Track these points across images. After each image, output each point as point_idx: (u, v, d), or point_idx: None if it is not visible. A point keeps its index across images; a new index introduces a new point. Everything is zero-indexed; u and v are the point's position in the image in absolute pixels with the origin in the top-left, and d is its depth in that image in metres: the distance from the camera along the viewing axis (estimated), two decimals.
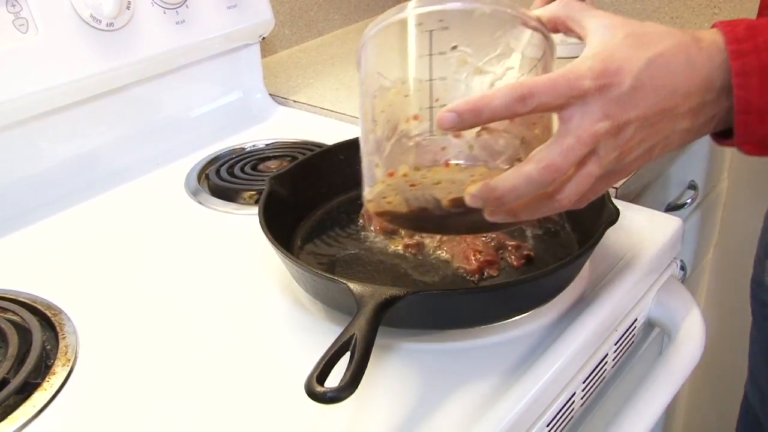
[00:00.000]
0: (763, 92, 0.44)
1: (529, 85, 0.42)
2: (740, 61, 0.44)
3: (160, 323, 0.63)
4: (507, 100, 0.42)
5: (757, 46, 0.44)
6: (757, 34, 0.44)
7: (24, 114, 0.80)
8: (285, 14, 1.27)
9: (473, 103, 0.42)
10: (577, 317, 0.60)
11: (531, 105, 0.42)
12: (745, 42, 0.44)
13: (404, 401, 0.53)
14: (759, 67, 0.44)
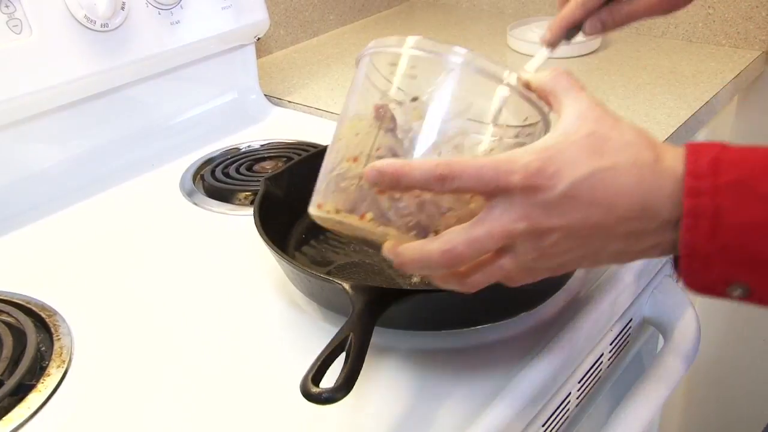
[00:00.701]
0: (711, 239, 0.40)
1: (452, 166, 0.42)
2: (694, 201, 0.40)
3: (155, 324, 0.63)
4: (426, 175, 0.42)
5: (716, 188, 0.40)
6: (720, 172, 0.40)
7: (18, 115, 0.80)
8: (280, 15, 1.27)
9: (396, 168, 0.42)
10: (573, 317, 0.60)
11: (449, 187, 0.42)
12: (704, 179, 0.40)
13: (400, 402, 0.53)
14: (712, 212, 0.40)
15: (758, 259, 0.40)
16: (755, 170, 0.40)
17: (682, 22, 1.22)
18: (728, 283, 0.41)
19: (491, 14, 1.45)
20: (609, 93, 1.03)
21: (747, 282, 0.41)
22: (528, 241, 0.42)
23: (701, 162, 0.41)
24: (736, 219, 0.39)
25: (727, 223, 0.39)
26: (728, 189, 0.39)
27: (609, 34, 1.27)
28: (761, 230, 0.39)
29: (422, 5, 1.53)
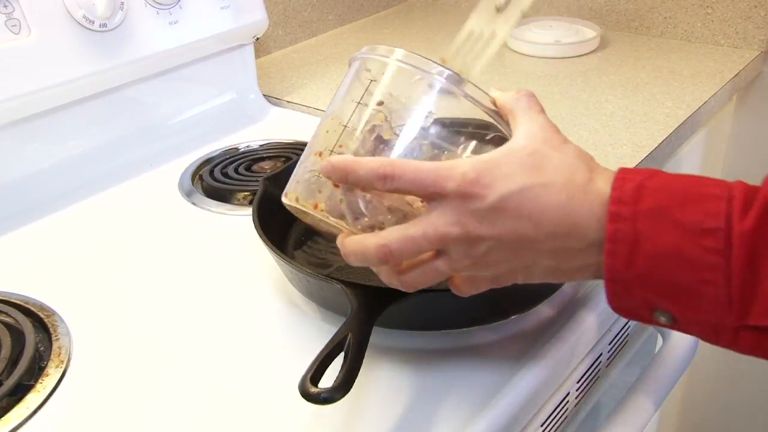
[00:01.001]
0: (629, 264, 0.41)
1: (395, 167, 0.44)
2: (615, 225, 0.41)
3: (154, 324, 0.63)
4: (370, 174, 0.45)
5: (636, 214, 0.40)
6: (642, 198, 0.41)
7: (16, 115, 0.80)
8: (279, 15, 1.27)
9: (345, 164, 0.45)
10: (571, 317, 0.60)
11: (390, 186, 0.44)
12: (627, 205, 0.41)
13: (398, 402, 0.53)
14: (631, 238, 0.40)
15: (674, 287, 0.40)
16: (675, 197, 0.40)
17: (680, 22, 1.23)
18: (652, 310, 0.42)
19: None
20: (607, 93, 1.03)
21: (669, 309, 0.41)
22: (461, 247, 0.44)
23: (626, 188, 0.41)
24: (652, 246, 0.40)
25: (644, 250, 0.40)
26: (647, 216, 0.40)
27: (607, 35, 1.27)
28: (676, 259, 0.39)
29: (421, 5, 1.53)
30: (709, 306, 0.40)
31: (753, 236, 0.38)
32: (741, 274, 0.38)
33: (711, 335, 0.42)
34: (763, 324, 0.38)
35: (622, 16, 1.29)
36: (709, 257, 0.39)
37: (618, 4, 1.29)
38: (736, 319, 0.39)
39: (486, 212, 0.43)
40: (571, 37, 1.23)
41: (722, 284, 0.39)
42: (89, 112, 0.88)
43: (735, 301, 0.39)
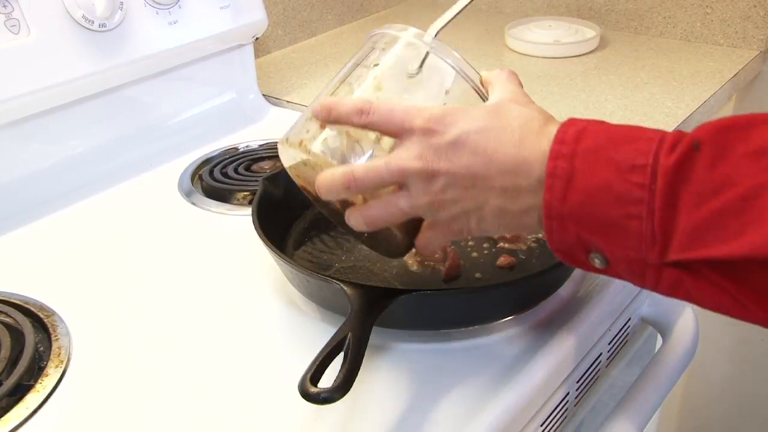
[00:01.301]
0: (564, 199, 0.43)
1: (371, 104, 0.49)
2: (553, 163, 0.43)
3: (154, 324, 0.63)
4: (349, 109, 0.49)
5: (574, 152, 0.43)
6: (582, 139, 0.43)
7: (16, 115, 0.80)
8: (278, 15, 1.27)
9: (330, 102, 0.50)
10: (571, 317, 0.60)
11: (365, 120, 0.49)
12: (567, 145, 0.43)
13: (398, 402, 0.53)
14: (567, 173, 0.42)
15: (603, 221, 0.42)
16: (613, 138, 0.43)
17: (680, 22, 1.23)
18: (587, 250, 0.44)
19: (489, 14, 1.45)
20: (607, 93, 1.03)
21: (600, 248, 0.43)
22: (419, 182, 0.47)
23: (570, 130, 0.44)
24: (584, 182, 0.42)
25: (578, 185, 0.42)
26: (584, 154, 0.43)
27: (607, 34, 1.27)
28: (606, 193, 0.41)
29: (420, 5, 1.53)
30: (635, 242, 0.41)
31: (675, 170, 0.40)
32: (662, 209, 0.40)
33: (638, 276, 0.43)
34: (681, 258, 0.40)
35: (621, 16, 1.29)
36: (636, 192, 0.40)
37: (617, 4, 1.29)
38: (658, 255, 0.40)
39: (445, 147, 0.46)
40: (570, 36, 1.23)
41: (646, 218, 0.40)
42: (89, 112, 0.88)
43: (657, 236, 0.40)
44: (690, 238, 0.39)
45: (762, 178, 0.37)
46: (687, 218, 0.39)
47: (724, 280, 0.39)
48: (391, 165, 0.47)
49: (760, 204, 0.37)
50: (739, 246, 0.37)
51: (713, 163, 0.39)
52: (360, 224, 0.51)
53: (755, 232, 0.37)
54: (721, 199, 0.38)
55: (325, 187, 0.49)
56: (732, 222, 0.38)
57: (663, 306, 0.71)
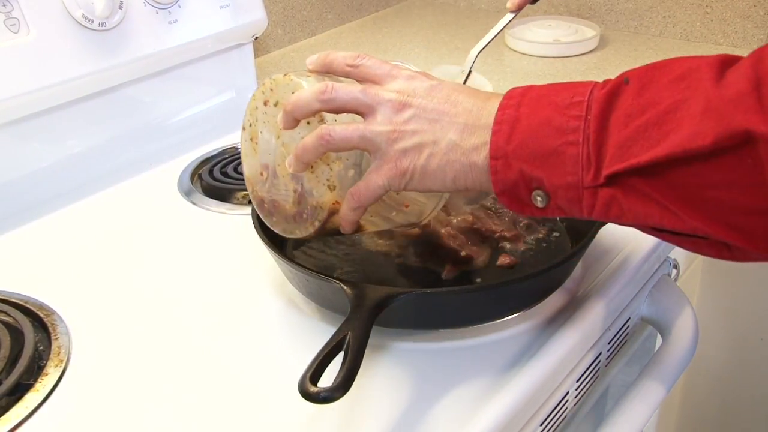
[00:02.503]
0: (509, 139, 0.47)
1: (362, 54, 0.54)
2: (501, 112, 0.48)
3: (153, 324, 0.63)
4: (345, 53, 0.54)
5: (520, 102, 0.47)
6: (528, 93, 0.48)
7: (15, 114, 0.80)
8: (278, 14, 1.27)
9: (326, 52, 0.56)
10: (571, 316, 0.60)
11: (358, 62, 0.53)
12: (514, 98, 0.48)
13: (397, 401, 0.53)
14: (512, 118, 0.47)
15: (543, 152, 0.45)
16: (555, 88, 0.47)
17: (680, 21, 1.23)
18: (530, 188, 0.47)
19: (489, 13, 1.45)
20: None
21: (541, 181, 0.46)
22: (389, 110, 0.50)
23: (518, 89, 0.49)
24: (528, 122, 0.46)
25: (522, 125, 0.46)
26: (529, 101, 0.47)
27: (607, 34, 1.27)
28: (546, 127, 0.45)
29: (420, 4, 1.53)
30: (572, 166, 0.45)
31: (607, 99, 0.44)
32: (595, 132, 0.44)
33: (576, 202, 0.46)
34: (612, 171, 0.43)
35: (621, 15, 1.29)
36: (573, 122, 0.45)
37: (617, 3, 1.29)
38: (593, 176, 0.44)
39: (424, 88, 0.51)
40: (570, 36, 1.23)
41: (582, 143, 0.44)
42: (88, 111, 0.88)
43: (592, 157, 0.44)
44: (619, 152, 0.43)
45: (682, 95, 0.41)
46: (616, 136, 0.43)
47: (652, 188, 0.42)
48: (369, 90, 0.51)
49: (679, 114, 0.41)
50: (661, 149, 0.41)
51: (640, 91, 0.43)
52: (314, 142, 0.51)
53: (674, 135, 0.40)
54: (645, 116, 0.42)
55: (297, 96, 0.52)
56: (655, 132, 0.42)
57: (663, 305, 0.71)
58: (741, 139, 0.38)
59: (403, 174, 0.51)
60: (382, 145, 0.50)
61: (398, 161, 0.50)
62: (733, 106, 0.39)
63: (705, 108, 0.40)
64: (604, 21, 1.31)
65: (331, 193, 0.54)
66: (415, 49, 1.27)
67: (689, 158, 0.40)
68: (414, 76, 0.52)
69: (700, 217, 0.41)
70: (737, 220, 0.41)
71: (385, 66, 0.53)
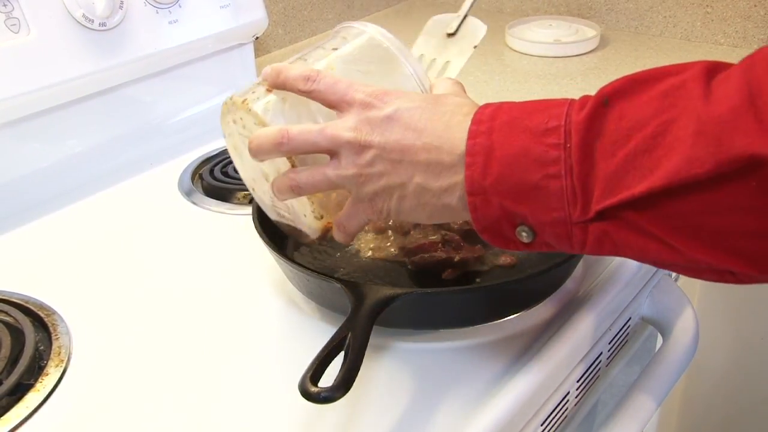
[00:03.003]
0: (484, 173, 0.43)
1: (319, 73, 0.51)
2: (472, 141, 0.44)
3: (154, 324, 0.63)
4: (297, 74, 0.51)
5: (491, 128, 0.44)
6: (498, 116, 0.45)
7: (15, 114, 0.80)
8: (278, 14, 1.27)
9: (280, 66, 0.53)
10: (571, 317, 0.60)
11: (309, 87, 0.51)
12: (484, 123, 0.45)
13: (398, 401, 0.53)
14: (485, 148, 0.44)
15: (524, 187, 0.42)
16: (527, 110, 0.44)
17: (680, 21, 1.23)
18: (513, 224, 0.44)
19: (489, 13, 1.45)
20: None
21: (525, 217, 0.43)
22: (350, 152, 0.48)
23: (487, 110, 0.46)
24: (503, 152, 0.43)
25: (497, 156, 0.43)
26: (501, 127, 0.44)
27: (607, 34, 1.27)
28: (524, 158, 0.42)
29: (421, 4, 1.53)
30: (557, 201, 0.42)
31: (587, 126, 0.41)
32: (579, 163, 0.41)
33: (565, 238, 0.43)
34: (603, 206, 0.40)
35: (621, 15, 1.29)
36: (552, 152, 0.42)
37: (618, 3, 1.29)
38: (581, 211, 0.41)
39: (380, 121, 0.48)
40: (570, 36, 1.23)
41: (565, 176, 0.41)
42: (89, 111, 0.88)
43: (578, 190, 0.41)
44: (609, 185, 0.40)
45: (668, 114, 0.38)
46: (604, 167, 0.40)
47: (647, 222, 0.40)
48: (326, 131, 0.49)
49: (669, 138, 0.38)
50: (655, 179, 0.38)
51: (622, 114, 0.40)
52: (284, 188, 0.52)
53: (668, 163, 0.37)
54: (633, 142, 0.39)
55: (256, 143, 0.51)
56: (646, 160, 0.39)
57: (663, 305, 0.71)
58: (744, 164, 0.35)
59: (380, 213, 0.50)
60: (352, 188, 0.50)
61: (372, 203, 0.50)
62: (730, 127, 0.36)
63: (697, 130, 0.37)
64: (605, 21, 1.31)
65: (319, 221, 0.56)
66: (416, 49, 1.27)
67: (686, 187, 0.37)
68: (368, 103, 0.49)
69: (700, 246, 0.39)
70: (740, 245, 0.38)
71: (338, 88, 0.50)
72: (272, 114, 0.54)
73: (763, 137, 0.34)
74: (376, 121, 0.48)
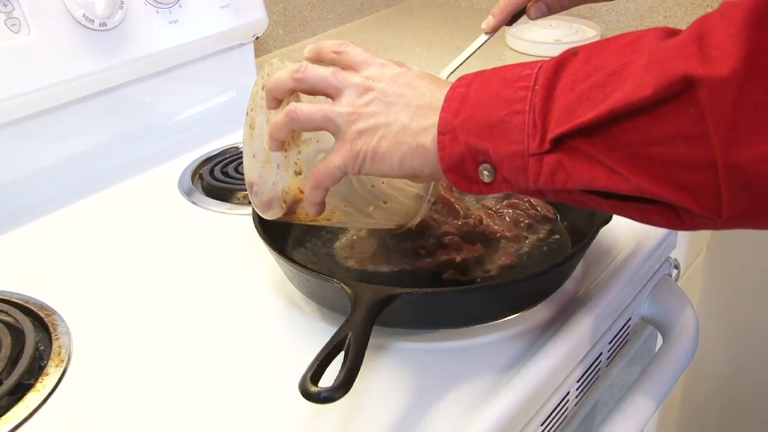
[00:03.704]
0: (457, 113, 0.47)
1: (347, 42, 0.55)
2: (452, 91, 0.48)
3: (154, 324, 0.63)
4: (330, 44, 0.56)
5: (471, 82, 0.48)
6: (480, 74, 0.49)
7: (16, 114, 0.80)
8: (279, 14, 1.27)
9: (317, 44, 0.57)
10: (571, 316, 0.60)
11: (341, 49, 0.55)
12: (465, 79, 0.49)
13: (398, 401, 0.53)
14: (462, 95, 0.48)
15: (490, 122, 0.45)
16: (506, 67, 0.47)
17: (681, 21, 1.23)
18: (476, 162, 0.47)
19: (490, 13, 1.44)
20: None
21: (487, 152, 0.46)
22: (353, 93, 0.52)
23: (469, 74, 0.49)
24: (477, 96, 0.47)
25: (471, 100, 0.47)
26: (479, 81, 0.48)
27: (607, 34, 1.27)
28: (494, 99, 0.46)
29: (421, 4, 1.53)
30: (518, 134, 0.44)
31: (554, 69, 0.44)
32: (541, 100, 0.44)
33: (521, 171, 0.45)
34: (557, 134, 0.42)
35: (622, 15, 1.29)
36: (520, 92, 0.45)
37: (618, 3, 1.29)
38: (539, 143, 0.44)
39: (389, 77, 0.52)
40: (571, 36, 1.23)
41: (528, 111, 0.44)
42: (89, 111, 0.88)
43: (537, 123, 0.44)
44: (563, 115, 0.42)
45: (628, 59, 0.41)
46: (562, 100, 0.43)
47: (596, 149, 0.42)
48: (338, 74, 0.53)
49: (623, 75, 0.40)
50: (604, 107, 0.40)
51: (587, 59, 0.43)
52: (282, 120, 0.53)
53: (618, 93, 0.40)
54: (591, 79, 0.42)
55: (276, 76, 0.54)
56: (599, 93, 0.41)
57: (663, 305, 0.71)
58: (681, 86, 0.37)
59: (356, 155, 0.52)
60: (342, 126, 0.52)
61: (353, 143, 0.52)
62: (674, 55, 0.38)
63: (648, 62, 0.39)
64: (605, 21, 1.31)
65: (296, 177, 0.55)
66: (416, 49, 1.27)
67: (631, 113, 0.39)
68: (386, 64, 0.53)
69: (645, 176, 0.40)
70: (683, 178, 0.39)
71: (365, 54, 0.54)
72: None
73: (701, 61, 0.36)
74: (386, 74, 0.52)
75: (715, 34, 0.37)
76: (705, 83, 0.36)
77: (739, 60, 0.36)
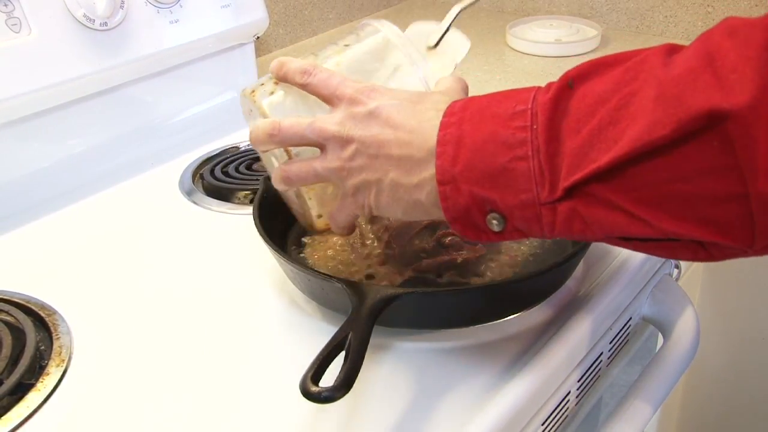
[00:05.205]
0: (454, 161, 0.44)
1: (315, 67, 0.53)
2: (443, 132, 0.45)
3: (155, 323, 0.63)
4: (296, 67, 0.54)
5: (461, 119, 0.45)
6: (468, 107, 0.45)
7: (16, 114, 0.80)
8: (279, 13, 1.27)
9: (283, 59, 0.56)
10: (572, 316, 0.60)
11: (305, 80, 0.53)
12: (455, 115, 0.45)
13: (399, 401, 0.53)
14: (455, 137, 0.44)
15: (493, 171, 0.42)
16: (496, 98, 0.45)
17: (681, 21, 1.22)
18: (483, 211, 0.44)
19: (490, 12, 1.45)
20: None
21: (495, 202, 0.43)
22: (336, 146, 0.50)
23: (458, 104, 0.46)
24: (472, 139, 0.43)
25: (466, 144, 0.44)
26: (471, 118, 0.44)
27: (608, 33, 1.27)
28: (492, 143, 0.42)
29: (421, 3, 1.53)
30: (525, 183, 0.42)
31: (552, 106, 0.41)
32: (545, 143, 0.41)
33: (534, 221, 0.43)
34: (571, 182, 0.40)
35: (622, 15, 1.29)
36: (519, 134, 0.42)
37: (619, 3, 1.29)
38: (549, 191, 0.41)
39: (362, 116, 0.49)
40: (571, 35, 1.23)
41: (532, 157, 0.41)
42: (90, 111, 0.88)
43: (545, 170, 0.41)
44: (575, 161, 0.40)
45: (630, 87, 0.38)
46: (570, 145, 0.40)
47: (614, 194, 0.39)
48: (314, 124, 0.51)
49: (632, 109, 0.38)
50: (618, 148, 0.38)
51: (585, 93, 0.41)
52: (278, 179, 0.54)
53: (631, 131, 0.37)
54: (597, 117, 0.39)
55: (253, 133, 0.54)
56: (610, 132, 0.38)
57: (664, 305, 0.71)
58: (704, 121, 0.35)
59: (362, 207, 0.52)
60: (337, 182, 0.52)
61: (354, 197, 0.51)
62: (689, 86, 0.35)
63: (657, 94, 0.37)
64: (606, 20, 1.31)
65: (319, 220, 0.59)
66: None
67: (650, 152, 0.37)
68: (355, 99, 0.50)
69: (669, 217, 0.38)
70: (709, 213, 0.37)
71: (330, 83, 0.52)
72: (274, 107, 0.56)
73: (722, 91, 0.34)
74: (359, 116, 0.49)
75: (727, 55, 0.35)
76: (732, 116, 0.34)
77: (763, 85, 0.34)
